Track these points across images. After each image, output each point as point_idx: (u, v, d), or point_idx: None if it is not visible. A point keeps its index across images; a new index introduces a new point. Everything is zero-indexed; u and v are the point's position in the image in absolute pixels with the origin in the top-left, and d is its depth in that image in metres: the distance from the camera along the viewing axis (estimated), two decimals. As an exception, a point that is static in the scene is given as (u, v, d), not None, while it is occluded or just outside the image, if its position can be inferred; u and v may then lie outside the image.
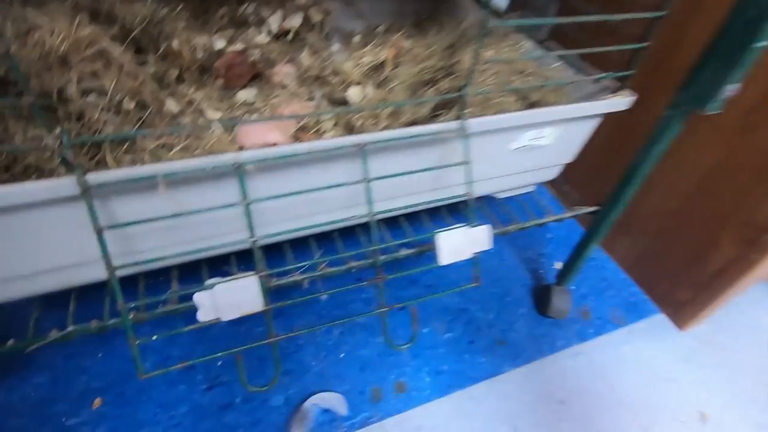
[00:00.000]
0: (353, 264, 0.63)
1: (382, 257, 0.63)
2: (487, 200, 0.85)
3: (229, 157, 0.49)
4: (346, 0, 1.04)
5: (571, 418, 0.80)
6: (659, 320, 0.98)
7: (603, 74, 0.69)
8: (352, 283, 0.61)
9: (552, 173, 0.81)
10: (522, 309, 0.96)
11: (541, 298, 0.96)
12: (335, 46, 1.01)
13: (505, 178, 0.75)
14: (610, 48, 0.64)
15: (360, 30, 1.06)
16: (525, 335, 0.91)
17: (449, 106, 0.67)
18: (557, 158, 0.76)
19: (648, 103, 0.78)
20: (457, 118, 0.58)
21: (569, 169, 0.82)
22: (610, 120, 0.73)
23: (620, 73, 0.67)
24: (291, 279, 0.62)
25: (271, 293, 0.55)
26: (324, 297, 0.60)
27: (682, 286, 0.95)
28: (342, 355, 0.84)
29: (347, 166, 0.59)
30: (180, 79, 0.75)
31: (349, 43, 1.02)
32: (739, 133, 0.79)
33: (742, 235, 0.82)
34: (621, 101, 0.69)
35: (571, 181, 1.11)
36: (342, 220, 0.60)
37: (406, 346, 0.76)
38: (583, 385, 0.84)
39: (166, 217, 0.49)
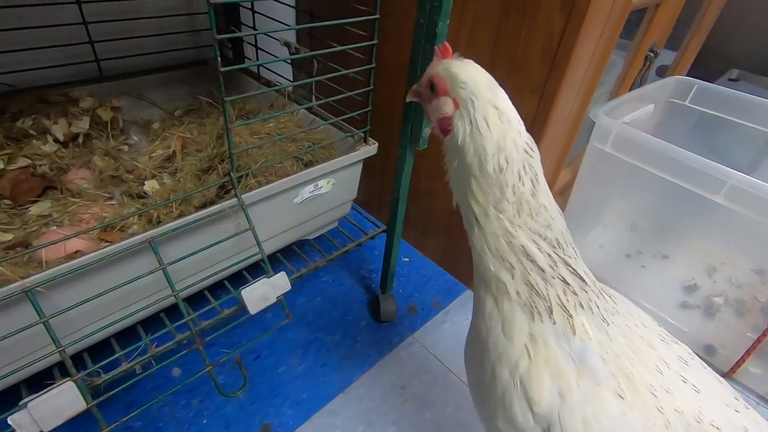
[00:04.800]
0: (180, 337, 0.72)
1: (204, 323, 0.73)
2: (301, 243, 1.00)
3: (15, 285, 0.54)
4: (136, 93, 1.11)
5: (412, 397, 0.98)
6: (467, 295, 1.25)
7: (352, 132, 0.91)
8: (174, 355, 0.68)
9: (345, 210, 1.00)
10: (363, 322, 1.13)
11: (374, 308, 1.14)
12: (134, 138, 1.07)
13: (301, 227, 0.91)
14: (352, 114, 0.86)
15: (158, 117, 1.14)
16: (367, 344, 1.08)
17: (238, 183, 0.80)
18: (342, 198, 0.95)
19: (390, 146, 1.02)
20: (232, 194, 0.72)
21: (367, 199, 1.01)
22: (372, 160, 0.95)
23: (363, 130, 0.89)
24: (121, 370, 0.67)
25: (106, 388, 0.61)
26: (142, 373, 0.66)
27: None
28: (205, 421, 0.89)
29: (151, 257, 0.68)
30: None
31: (148, 131, 1.09)
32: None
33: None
34: (370, 149, 0.91)
35: (374, 208, 1.35)
36: (150, 305, 0.68)
37: (240, 392, 0.85)
38: (418, 367, 1.04)
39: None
